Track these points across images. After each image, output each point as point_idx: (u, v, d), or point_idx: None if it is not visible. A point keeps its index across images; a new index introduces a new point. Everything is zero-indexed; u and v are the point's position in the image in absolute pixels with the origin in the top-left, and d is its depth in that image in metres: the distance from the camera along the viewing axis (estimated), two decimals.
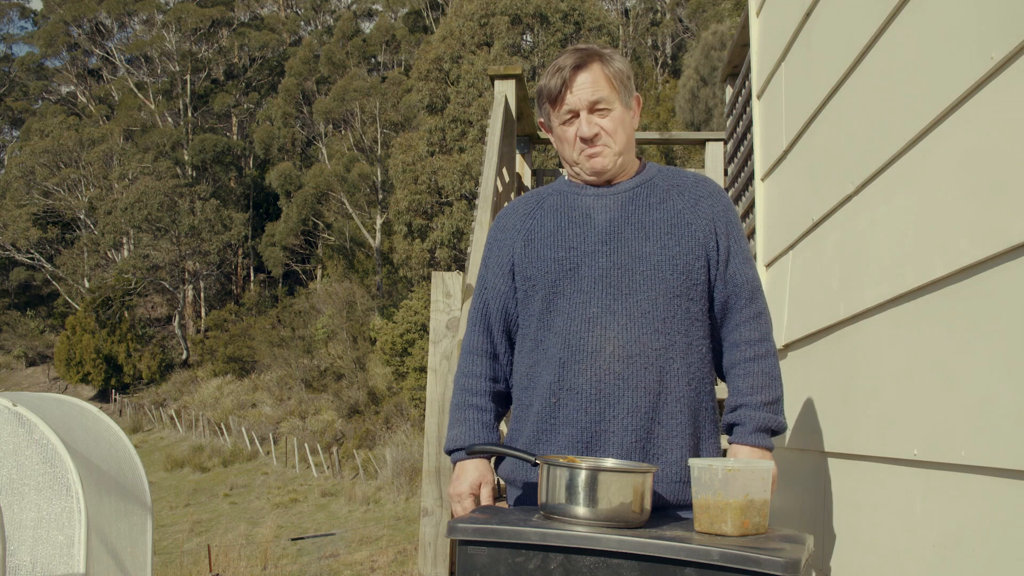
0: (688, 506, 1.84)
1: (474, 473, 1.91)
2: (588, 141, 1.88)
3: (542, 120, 1.98)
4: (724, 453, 1.98)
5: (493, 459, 2.05)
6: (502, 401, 2.01)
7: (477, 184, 4.51)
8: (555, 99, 1.89)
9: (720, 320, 1.93)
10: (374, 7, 55.82)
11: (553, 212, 1.94)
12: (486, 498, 1.90)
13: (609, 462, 1.71)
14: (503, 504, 2.01)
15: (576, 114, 1.88)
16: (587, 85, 1.86)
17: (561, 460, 1.65)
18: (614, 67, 1.89)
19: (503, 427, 4.20)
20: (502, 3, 29.13)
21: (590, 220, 1.89)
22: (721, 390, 4.00)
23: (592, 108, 1.87)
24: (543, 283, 1.88)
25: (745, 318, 1.89)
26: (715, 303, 1.92)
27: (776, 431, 1.85)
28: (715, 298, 1.91)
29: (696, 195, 1.93)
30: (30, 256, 45.80)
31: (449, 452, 1.96)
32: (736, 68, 4.57)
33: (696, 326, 1.87)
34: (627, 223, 1.88)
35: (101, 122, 51.59)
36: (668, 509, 1.84)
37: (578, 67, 1.87)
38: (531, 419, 1.88)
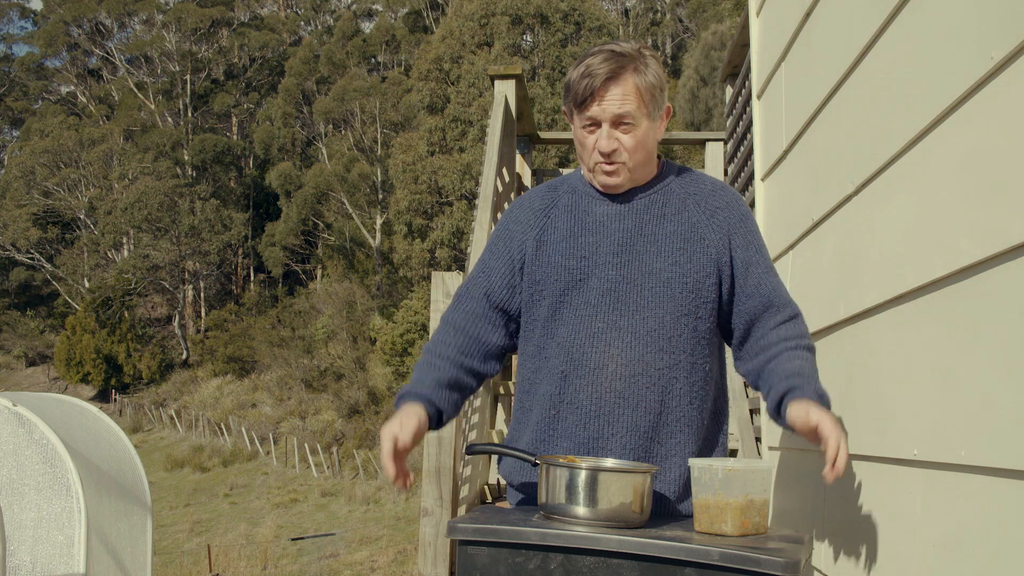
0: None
1: (399, 416, 1.78)
2: (605, 156, 1.82)
3: (565, 110, 1.91)
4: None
5: (498, 459, 2.04)
6: (469, 375, 1.90)
7: (477, 184, 4.52)
8: (580, 103, 1.81)
9: (747, 331, 1.86)
10: (374, 7, 55.83)
11: (567, 215, 1.89)
12: (408, 431, 1.75)
13: (609, 462, 1.71)
14: (504, 504, 2.01)
15: (598, 124, 1.81)
16: (616, 99, 1.77)
17: (561, 460, 1.65)
18: (647, 80, 1.79)
19: (503, 427, 4.21)
20: (502, 3, 29.13)
21: (604, 228, 1.85)
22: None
23: (616, 122, 1.79)
24: (551, 290, 1.85)
25: (781, 320, 1.83)
26: (738, 315, 1.85)
27: (828, 407, 1.72)
28: (738, 310, 1.85)
29: (713, 206, 1.87)
30: (30, 256, 45.82)
31: (397, 400, 1.86)
32: (736, 68, 4.57)
33: (702, 345, 1.83)
34: (640, 234, 1.84)
35: (101, 122, 51.61)
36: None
37: (610, 78, 1.77)
38: (530, 427, 1.87)
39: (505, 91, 4.83)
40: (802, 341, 1.80)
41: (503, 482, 2.01)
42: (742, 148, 4.21)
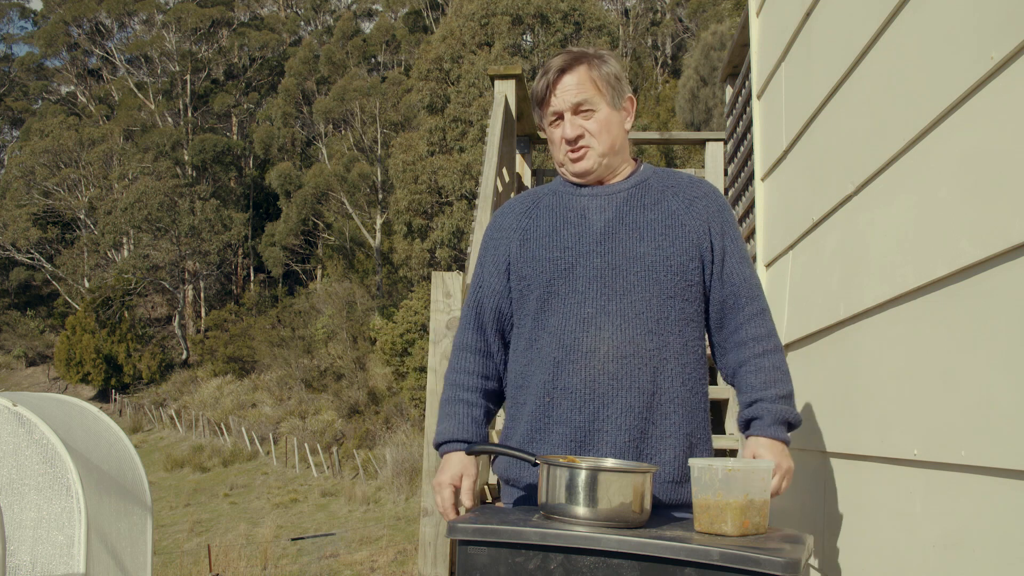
0: (682, 506, 1.84)
1: (457, 466, 1.89)
2: (571, 143, 1.90)
3: (539, 123, 2.01)
4: (717, 454, 1.98)
5: (493, 458, 2.04)
6: (493, 399, 2.00)
7: (477, 184, 4.52)
8: (541, 101, 1.93)
9: (720, 321, 1.92)
10: (374, 7, 55.82)
11: (549, 212, 1.95)
12: (467, 490, 1.88)
13: (609, 462, 1.71)
14: (500, 504, 2.01)
15: (561, 116, 1.92)
16: (571, 88, 1.89)
17: (561, 460, 1.65)
18: (602, 70, 1.91)
19: (499, 422, 4.19)
20: (503, 3, 29.12)
21: (585, 220, 1.90)
22: (719, 390, 4.00)
23: (576, 110, 1.90)
24: (538, 282, 1.88)
25: (748, 316, 1.89)
26: (712, 304, 1.91)
27: (793, 424, 1.84)
28: (712, 298, 1.91)
29: (691, 196, 1.93)
30: (30, 256, 45.80)
31: (437, 446, 1.94)
32: (736, 68, 4.57)
33: (691, 327, 1.87)
34: (621, 224, 1.88)
35: (101, 122, 51.58)
36: (662, 509, 1.84)
37: (563, 70, 1.90)
38: (524, 418, 1.88)
39: (505, 91, 4.83)
40: (768, 343, 1.88)
41: (501, 482, 2.01)
42: (742, 148, 4.20)
